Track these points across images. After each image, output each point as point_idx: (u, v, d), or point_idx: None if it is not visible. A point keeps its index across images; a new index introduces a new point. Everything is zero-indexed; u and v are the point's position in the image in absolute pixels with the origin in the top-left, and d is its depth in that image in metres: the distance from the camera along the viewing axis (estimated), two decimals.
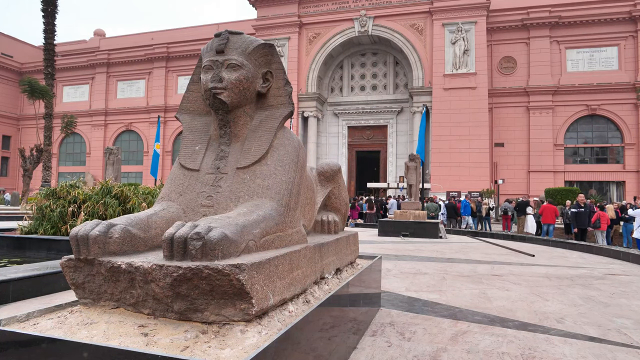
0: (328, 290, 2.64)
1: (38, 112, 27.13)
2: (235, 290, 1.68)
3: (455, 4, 30.62)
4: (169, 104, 40.20)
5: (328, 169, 3.56)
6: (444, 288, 5.40)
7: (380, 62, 35.41)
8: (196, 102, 2.72)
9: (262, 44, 2.52)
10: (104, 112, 42.71)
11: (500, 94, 32.16)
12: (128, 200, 7.23)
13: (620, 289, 5.65)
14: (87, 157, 43.40)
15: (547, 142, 30.98)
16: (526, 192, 28.87)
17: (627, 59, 30.54)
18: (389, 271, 6.54)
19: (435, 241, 12.48)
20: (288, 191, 2.35)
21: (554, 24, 31.58)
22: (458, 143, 29.68)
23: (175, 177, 2.47)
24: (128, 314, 1.85)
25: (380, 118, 34.76)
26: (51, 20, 24.43)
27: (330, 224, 3.45)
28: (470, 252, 9.84)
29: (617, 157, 30.87)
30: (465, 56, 30.32)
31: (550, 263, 8.20)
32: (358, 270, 3.41)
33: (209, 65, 2.39)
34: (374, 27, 32.69)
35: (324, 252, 2.79)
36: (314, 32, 34.31)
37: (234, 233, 1.84)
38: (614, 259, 9.09)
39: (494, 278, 6.28)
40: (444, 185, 29.36)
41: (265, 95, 2.61)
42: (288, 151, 2.47)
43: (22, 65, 46.20)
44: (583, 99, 30.82)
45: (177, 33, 42.11)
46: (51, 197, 7.25)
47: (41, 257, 6.17)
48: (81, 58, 44.08)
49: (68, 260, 1.91)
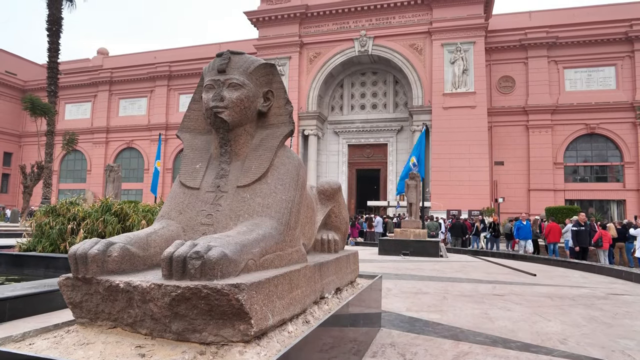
0: (328, 310, 2.61)
1: (40, 129, 27.28)
2: (234, 310, 1.67)
3: (454, 25, 31.07)
4: (170, 121, 40.47)
5: (328, 187, 3.56)
6: (445, 308, 5.35)
7: (380, 81, 35.76)
8: (197, 120, 2.73)
9: (264, 63, 2.54)
10: (106, 130, 42.98)
11: (499, 112, 32.39)
12: (128, 217, 7.20)
13: (624, 309, 5.59)
14: (87, 174, 43.50)
15: (547, 160, 31.07)
16: (527, 211, 28.77)
17: (625, 78, 30.85)
18: (389, 290, 6.48)
19: (436, 260, 12.40)
20: (288, 210, 2.34)
21: (552, 44, 32.01)
22: (458, 161, 29.74)
23: (175, 195, 2.47)
24: (125, 334, 1.83)
25: (380, 136, 34.94)
26: (55, 39, 24.77)
27: (331, 242, 3.43)
28: (471, 271, 9.77)
29: (617, 175, 30.91)
30: (465, 75, 30.63)
31: (552, 282, 8.13)
32: (358, 290, 3.38)
33: (210, 85, 2.42)
34: (374, 47, 33.11)
35: (324, 272, 2.76)
36: (315, 51, 34.74)
37: (234, 252, 1.83)
38: (616, 278, 9.02)
39: (496, 298, 6.22)
40: (444, 203, 29.31)
41: (266, 114, 2.62)
42: (288, 170, 2.48)
43: (26, 83, 46.69)
44: (582, 118, 31.02)
45: (180, 52, 42.67)
46: (51, 214, 7.23)
47: (39, 274, 6.13)
48: (84, 76, 44.59)
49: (66, 279, 1.89)
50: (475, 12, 31.03)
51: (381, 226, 21.93)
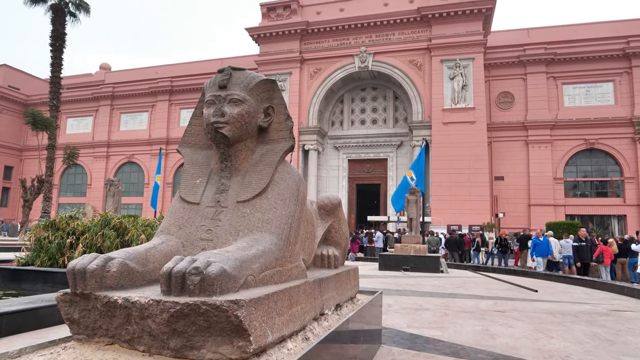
0: (328, 326, 2.58)
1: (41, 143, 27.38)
2: (233, 327, 1.65)
3: (453, 41, 31.40)
4: (171, 136, 40.63)
5: (328, 202, 3.55)
6: (446, 324, 5.30)
7: (380, 97, 36.00)
8: (198, 135, 2.75)
9: (264, 79, 2.57)
10: (107, 144, 43.14)
11: (499, 128, 32.53)
12: (127, 232, 7.18)
13: (626, 326, 5.53)
14: (87, 188, 43.50)
15: (547, 175, 31.09)
16: (527, 226, 28.69)
17: (623, 94, 31.06)
18: (389, 306, 6.42)
19: (437, 275, 12.32)
20: (288, 225, 2.34)
21: (550, 60, 32.31)
22: (458, 176, 29.76)
23: (175, 210, 2.47)
24: (123, 350, 1.81)
25: (381, 151, 35.03)
26: (59, 54, 25.04)
27: (330, 258, 3.42)
28: (472, 287, 9.70)
29: (617, 190, 30.90)
30: (464, 91, 30.85)
31: (554, 298, 8.07)
32: (358, 306, 3.35)
33: (211, 100, 2.43)
34: (374, 63, 33.41)
35: (323, 288, 2.75)
36: (315, 67, 35.05)
37: (233, 268, 1.82)
38: (618, 294, 8.95)
39: (497, 314, 6.16)
40: (444, 218, 29.24)
41: (267, 130, 2.64)
42: (288, 185, 2.48)
43: (28, 98, 47.00)
44: (581, 133, 31.14)
45: (181, 67, 43.05)
46: (50, 228, 7.21)
47: (37, 289, 6.08)
48: (86, 91, 44.92)
49: (64, 294, 1.88)
50: (474, 29, 31.40)
51: (382, 241, 21.85)
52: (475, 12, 31.14)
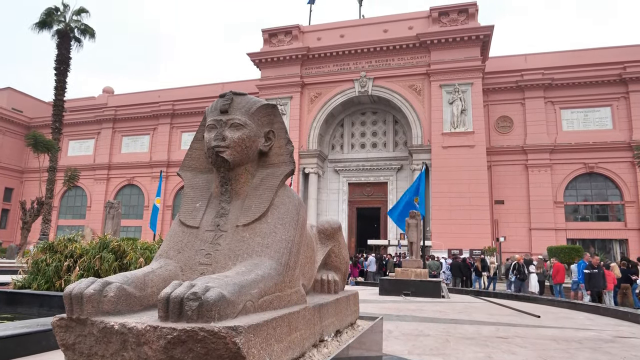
0: (327, 353, 2.54)
1: (42, 165, 27.48)
2: (231, 354, 1.62)
3: (452, 67, 31.88)
4: (171, 159, 40.81)
5: (328, 226, 3.54)
6: (448, 351, 5.20)
7: (380, 121, 36.31)
8: (199, 159, 2.76)
9: (265, 104, 2.59)
10: (107, 166, 43.29)
11: (498, 152, 32.70)
12: (125, 255, 7.12)
13: (632, 353, 5.43)
14: (87, 210, 43.44)
15: (547, 199, 31.08)
16: (528, 250, 28.51)
17: (621, 118, 31.34)
18: (390, 332, 6.32)
19: (438, 301, 12.17)
20: (288, 250, 2.32)
21: (548, 85, 32.73)
22: (458, 200, 29.74)
23: (174, 234, 2.46)
24: None
25: (381, 175, 35.12)
26: (63, 78, 25.39)
27: (330, 283, 3.38)
28: (473, 312, 9.57)
29: (617, 214, 30.83)
30: (463, 115, 31.13)
31: (557, 324, 7.95)
32: (359, 332, 3.30)
33: (212, 124, 2.45)
34: (374, 88, 33.83)
35: (323, 313, 2.71)
36: (316, 91, 35.48)
37: (232, 293, 1.80)
38: (622, 320, 8.82)
39: (499, 340, 6.06)
40: (445, 242, 29.08)
41: (267, 154, 2.65)
42: (288, 209, 2.47)
43: (31, 120, 47.41)
44: (580, 157, 31.29)
45: (183, 91, 43.59)
46: (48, 250, 7.16)
47: (33, 313, 5.99)
48: (89, 114, 45.36)
49: (60, 319, 1.85)
50: (472, 54, 31.93)
51: (374, 265, 21.61)
52: (474, 38, 31.73)
